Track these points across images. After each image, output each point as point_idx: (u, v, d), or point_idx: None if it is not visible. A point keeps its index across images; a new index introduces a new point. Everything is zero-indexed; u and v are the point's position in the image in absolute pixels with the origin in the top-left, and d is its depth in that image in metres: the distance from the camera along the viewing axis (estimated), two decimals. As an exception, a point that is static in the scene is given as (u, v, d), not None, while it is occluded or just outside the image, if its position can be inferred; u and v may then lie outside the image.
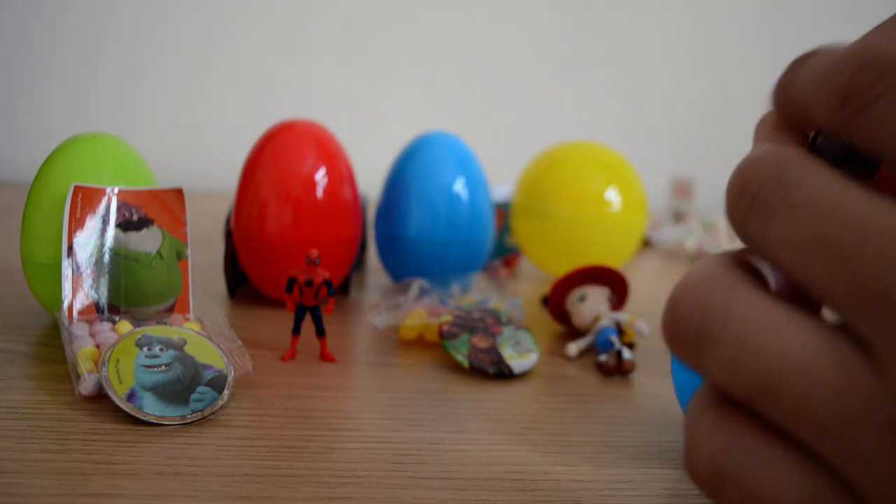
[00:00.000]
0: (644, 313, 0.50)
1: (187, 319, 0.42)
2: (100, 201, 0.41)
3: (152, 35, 0.92)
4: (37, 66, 0.90)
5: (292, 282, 0.41)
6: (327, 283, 0.42)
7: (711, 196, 0.99)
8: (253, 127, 0.55)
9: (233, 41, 0.93)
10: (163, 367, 0.35)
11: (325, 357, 0.43)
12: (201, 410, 0.34)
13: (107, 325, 0.39)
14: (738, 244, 0.23)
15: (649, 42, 1.02)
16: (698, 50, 1.03)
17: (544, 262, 0.63)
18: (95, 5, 0.90)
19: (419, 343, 0.46)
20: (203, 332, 0.40)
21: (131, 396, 0.34)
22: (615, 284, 0.50)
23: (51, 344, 0.41)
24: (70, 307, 0.40)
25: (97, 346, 0.37)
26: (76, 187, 0.40)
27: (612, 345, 0.44)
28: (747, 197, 0.17)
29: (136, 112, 0.93)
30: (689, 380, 0.33)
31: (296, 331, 0.42)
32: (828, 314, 0.17)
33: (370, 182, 0.62)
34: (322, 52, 0.95)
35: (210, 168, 0.89)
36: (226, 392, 0.36)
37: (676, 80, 1.02)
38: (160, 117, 0.93)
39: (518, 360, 0.43)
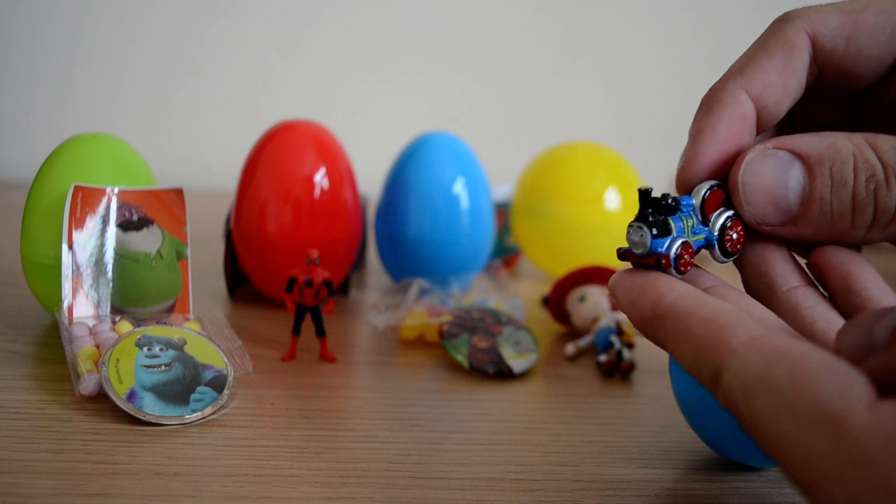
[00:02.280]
0: (644, 313, 0.50)
1: (187, 319, 0.42)
2: (100, 201, 0.41)
3: (153, 35, 0.92)
4: (37, 66, 0.90)
5: (292, 282, 0.41)
6: (327, 283, 0.42)
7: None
8: (253, 127, 0.55)
9: (233, 40, 0.93)
10: (163, 367, 0.35)
11: (325, 357, 0.43)
12: (201, 410, 0.34)
13: (107, 325, 0.39)
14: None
15: (649, 42, 1.02)
16: (698, 49, 1.03)
17: (544, 262, 0.63)
18: (97, 5, 0.90)
19: (419, 343, 0.46)
20: (203, 332, 0.40)
21: (131, 396, 0.34)
22: (615, 284, 0.50)
23: (51, 344, 0.41)
24: (70, 307, 0.40)
25: (97, 346, 0.37)
26: (76, 187, 0.40)
27: (612, 345, 0.44)
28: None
29: (136, 112, 0.93)
30: (687, 380, 0.33)
31: (296, 331, 0.42)
32: None
33: (370, 182, 0.62)
34: (322, 51, 0.95)
35: (210, 168, 0.89)
36: (226, 392, 0.36)
37: (677, 79, 1.02)
38: (160, 117, 0.93)
39: (518, 360, 0.43)
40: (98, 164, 0.43)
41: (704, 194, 0.26)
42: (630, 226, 0.26)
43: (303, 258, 0.42)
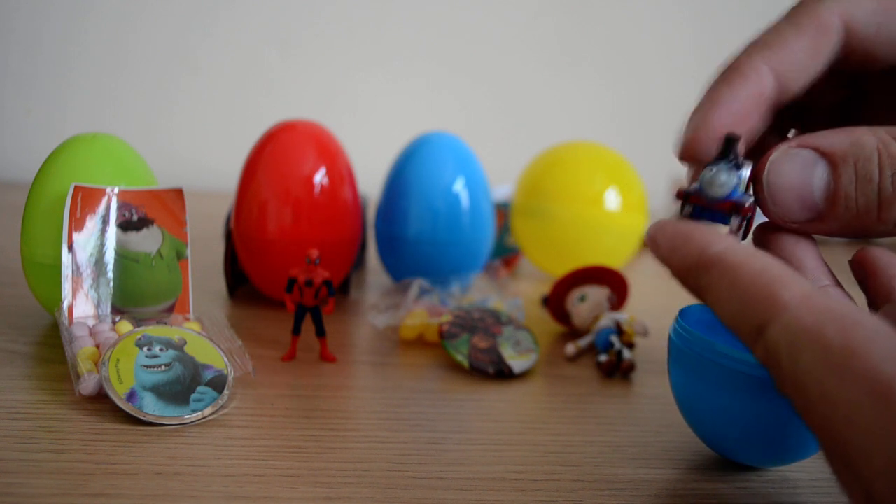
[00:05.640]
0: (644, 313, 0.50)
1: (187, 319, 0.42)
2: (100, 201, 0.41)
3: (153, 35, 0.92)
4: (37, 66, 0.90)
5: (292, 282, 0.41)
6: (327, 283, 0.42)
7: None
8: (253, 127, 0.55)
9: (233, 40, 0.93)
10: (163, 367, 0.35)
11: (325, 357, 0.43)
12: (201, 410, 0.34)
13: (107, 325, 0.39)
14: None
15: (649, 42, 1.02)
16: (698, 49, 1.03)
17: (544, 262, 0.63)
18: (96, 5, 0.90)
19: (419, 343, 0.46)
20: (203, 332, 0.40)
21: (131, 396, 0.34)
22: (615, 284, 0.50)
23: (51, 344, 0.41)
24: (70, 307, 0.40)
25: (97, 346, 0.37)
26: (76, 187, 0.40)
27: (612, 345, 0.44)
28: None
29: (136, 112, 0.93)
30: (686, 380, 0.33)
31: (296, 331, 0.42)
32: None
33: (370, 182, 0.62)
34: (322, 51, 0.95)
35: (210, 168, 0.89)
36: (226, 392, 0.36)
37: (676, 80, 1.02)
38: (160, 117, 0.93)
39: (518, 360, 0.43)
40: (98, 164, 0.43)
41: (751, 168, 0.26)
42: (715, 166, 0.25)
43: (303, 258, 0.42)
